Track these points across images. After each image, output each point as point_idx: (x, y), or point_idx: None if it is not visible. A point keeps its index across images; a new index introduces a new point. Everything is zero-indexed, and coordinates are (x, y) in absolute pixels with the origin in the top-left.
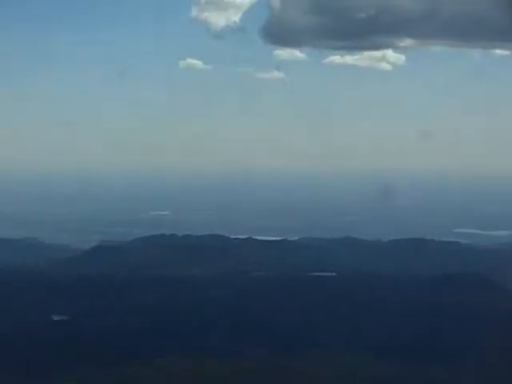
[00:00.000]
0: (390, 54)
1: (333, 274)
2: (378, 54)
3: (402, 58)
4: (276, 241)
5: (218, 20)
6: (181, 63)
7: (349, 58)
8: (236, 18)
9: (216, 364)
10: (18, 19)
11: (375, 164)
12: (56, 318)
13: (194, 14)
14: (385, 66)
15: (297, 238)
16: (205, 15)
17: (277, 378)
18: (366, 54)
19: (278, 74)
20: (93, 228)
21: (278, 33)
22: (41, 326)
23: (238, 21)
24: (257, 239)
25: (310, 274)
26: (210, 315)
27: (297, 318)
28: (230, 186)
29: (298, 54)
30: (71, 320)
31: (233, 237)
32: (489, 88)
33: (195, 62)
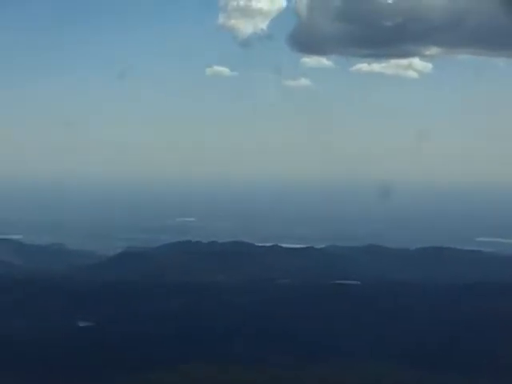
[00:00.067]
0: (416, 62)
1: (357, 282)
2: (404, 62)
3: (428, 66)
4: (301, 248)
5: (245, 27)
6: (208, 70)
7: (376, 66)
8: (263, 25)
9: (240, 370)
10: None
11: (399, 172)
12: (81, 324)
13: (221, 20)
14: (411, 74)
15: (323, 245)
16: (232, 22)
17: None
18: (393, 61)
19: (304, 81)
20: (119, 234)
21: (305, 40)
22: (66, 331)
23: (265, 28)
24: (282, 247)
25: (335, 282)
26: (234, 322)
27: (321, 326)
28: (256, 194)
29: (324, 61)
30: (96, 326)
31: (258, 244)
32: None
33: (222, 69)
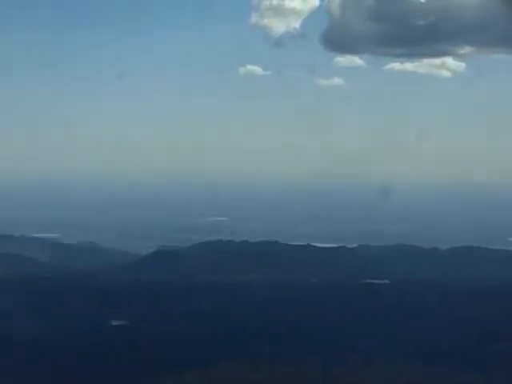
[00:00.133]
0: (449, 61)
1: (387, 282)
2: (437, 61)
3: (461, 66)
4: (333, 248)
5: (278, 26)
6: (241, 69)
7: (409, 65)
8: (296, 24)
9: (272, 370)
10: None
11: (431, 172)
12: (114, 323)
13: (253, 20)
14: (445, 74)
15: (355, 245)
16: (265, 21)
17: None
18: (426, 61)
19: (337, 80)
20: (151, 233)
21: (338, 39)
22: (99, 330)
23: (297, 27)
24: (314, 246)
25: (365, 282)
26: (266, 321)
27: (350, 325)
28: (288, 193)
29: (357, 60)
30: (129, 325)
31: (290, 243)
32: None
33: (255, 69)
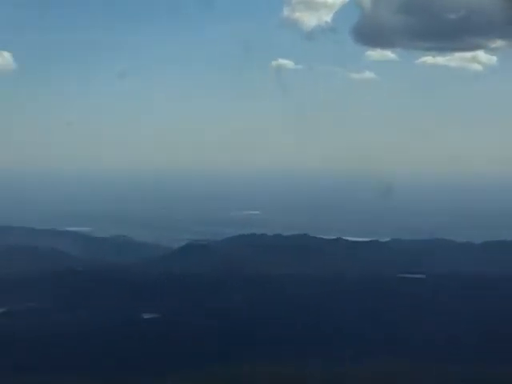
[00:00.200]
0: (481, 55)
1: (422, 276)
2: (469, 55)
3: (493, 59)
4: (366, 242)
5: (310, 20)
6: (272, 63)
7: (440, 59)
8: (327, 18)
9: (304, 365)
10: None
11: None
12: (146, 316)
13: (285, 14)
14: (476, 67)
15: (388, 239)
16: (296, 15)
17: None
18: (458, 55)
19: (369, 74)
20: (183, 226)
21: (369, 33)
22: (130, 323)
23: (329, 21)
24: (347, 240)
25: (399, 276)
26: (298, 315)
27: (385, 319)
28: (321, 187)
29: (389, 54)
30: (161, 318)
31: (323, 237)
32: None
33: (286, 62)
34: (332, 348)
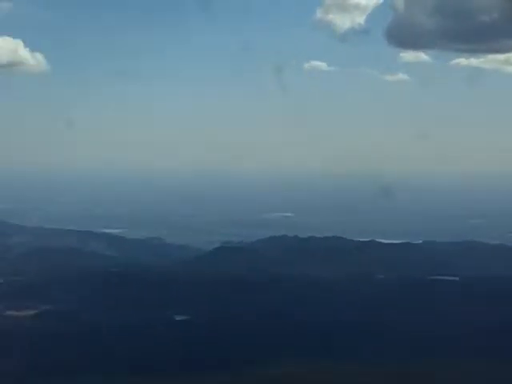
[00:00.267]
0: None
1: (455, 278)
2: (502, 56)
3: None
4: (399, 244)
5: (343, 22)
6: (305, 65)
7: (473, 61)
8: (360, 19)
9: (336, 366)
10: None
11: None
12: (178, 318)
13: (318, 15)
14: (510, 69)
15: (420, 241)
16: (329, 17)
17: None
18: (491, 56)
19: (402, 76)
20: (215, 229)
21: (403, 35)
22: (162, 325)
23: (362, 22)
24: (379, 242)
25: (432, 278)
26: (331, 317)
27: (418, 321)
28: (354, 189)
29: (422, 56)
30: (192, 320)
31: (355, 239)
32: None
33: (319, 64)
34: (362, 349)
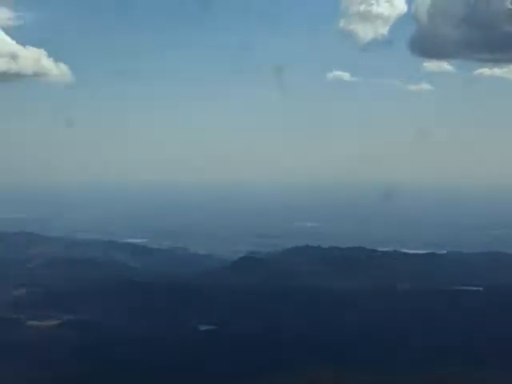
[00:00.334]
0: None
1: (479, 289)
2: None
3: None
4: (423, 254)
5: (366, 32)
6: (328, 75)
7: (497, 71)
8: (383, 30)
9: (357, 375)
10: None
11: None
12: (202, 328)
13: (341, 25)
14: None
15: (444, 251)
16: (352, 27)
17: None
18: None
19: (426, 86)
20: (239, 239)
21: (426, 45)
22: (187, 335)
23: (385, 33)
24: (403, 252)
25: (456, 288)
26: (355, 327)
27: (441, 331)
28: (377, 199)
29: (445, 66)
30: (217, 330)
31: (379, 249)
32: None
33: (343, 74)
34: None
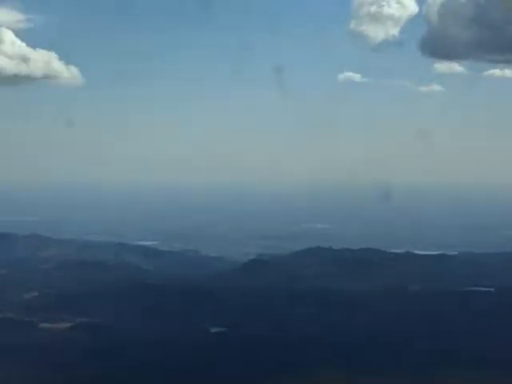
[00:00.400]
0: None
1: (491, 289)
2: None
3: None
4: (434, 255)
5: (377, 33)
6: (340, 76)
7: (508, 72)
8: (394, 31)
9: (367, 378)
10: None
11: None
12: (214, 330)
13: (352, 26)
14: None
15: (456, 252)
16: (363, 28)
17: None
18: None
19: (436, 87)
20: (249, 241)
21: (437, 46)
22: (198, 337)
23: (396, 34)
24: (414, 253)
25: (468, 289)
26: (366, 329)
27: (454, 333)
28: (386, 201)
29: (456, 67)
30: (228, 332)
31: (390, 251)
32: None
33: (354, 75)
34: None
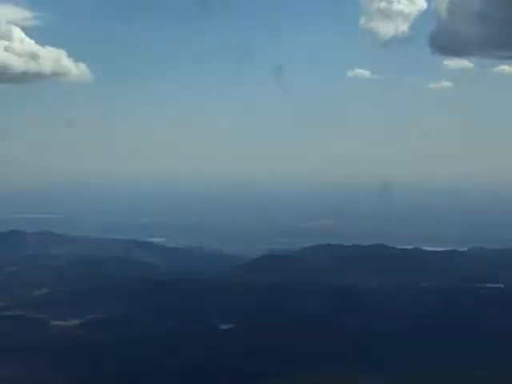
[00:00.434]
0: None
1: (501, 285)
2: None
3: None
4: (444, 251)
5: (386, 29)
6: (349, 72)
7: None
8: (404, 27)
9: (376, 375)
10: None
11: None
12: (223, 327)
13: (362, 23)
14: None
15: (466, 248)
16: (373, 24)
17: None
18: None
19: (446, 83)
20: (258, 237)
21: (446, 42)
22: (208, 333)
23: (405, 30)
24: (424, 250)
25: (478, 285)
26: (377, 326)
27: (464, 329)
28: (395, 196)
29: (466, 63)
30: (237, 328)
31: (400, 247)
32: None
33: (363, 72)
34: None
